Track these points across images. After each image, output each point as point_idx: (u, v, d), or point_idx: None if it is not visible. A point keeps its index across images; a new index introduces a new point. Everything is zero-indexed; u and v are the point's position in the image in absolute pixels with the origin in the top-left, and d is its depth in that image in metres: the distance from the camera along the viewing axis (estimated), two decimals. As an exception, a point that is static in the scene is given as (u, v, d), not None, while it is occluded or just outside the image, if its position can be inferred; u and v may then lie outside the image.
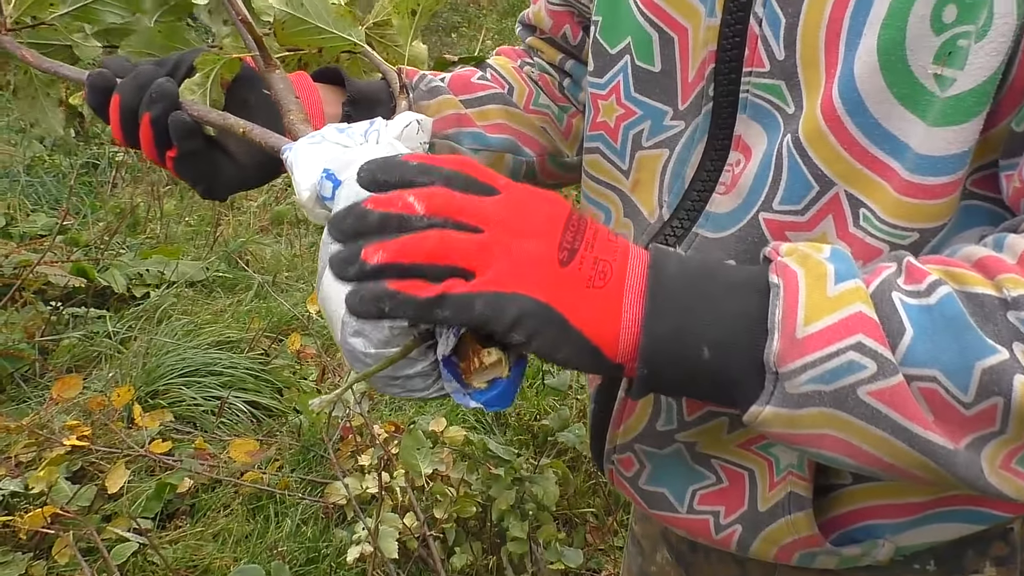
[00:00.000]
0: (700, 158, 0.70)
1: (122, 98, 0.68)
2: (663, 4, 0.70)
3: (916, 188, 0.57)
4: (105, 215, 4.04)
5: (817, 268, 0.52)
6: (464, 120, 0.83)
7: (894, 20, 0.56)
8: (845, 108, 0.58)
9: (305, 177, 0.58)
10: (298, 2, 0.67)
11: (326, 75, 0.79)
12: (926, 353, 0.49)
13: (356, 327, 0.53)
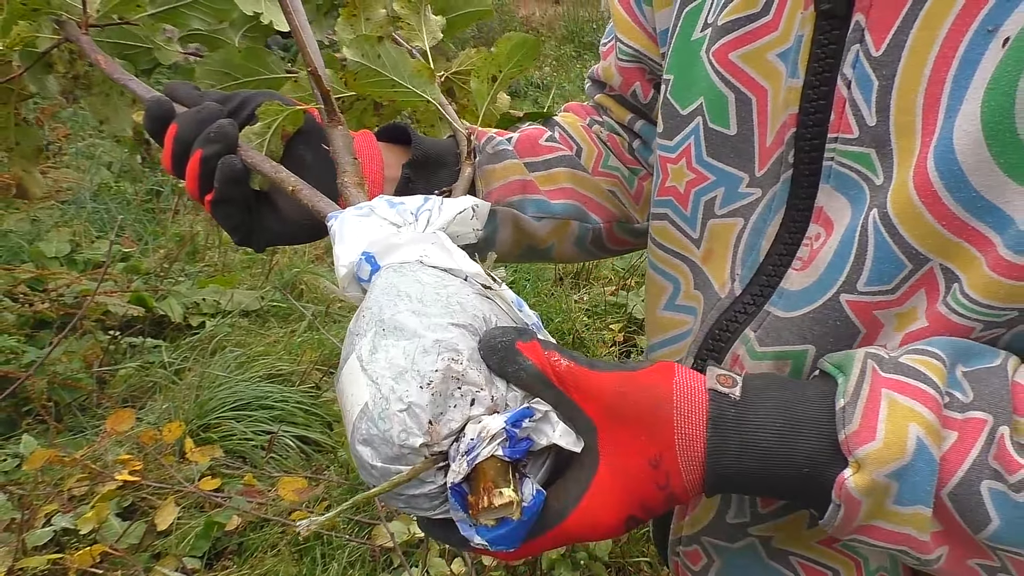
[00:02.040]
0: (777, 230, 0.64)
1: (179, 130, 0.65)
2: (740, 63, 0.64)
3: (1018, 269, 0.51)
4: (166, 242, 4.10)
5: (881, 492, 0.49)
6: (529, 187, 0.79)
7: (1001, 84, 0.50)
8: (943, 181, 0.52)
9: (345, 253, 0.55)
10: (375, 54, 0.64)
11: (393, 131, 0.76)
12: (1014, 538, 0.47)
13: (366, 435, 0.49)
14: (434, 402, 0.48)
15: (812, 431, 0.51)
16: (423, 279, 0.52)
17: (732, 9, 0.65)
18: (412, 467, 0.48)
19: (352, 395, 0.50)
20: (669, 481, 0.50)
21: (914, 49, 0.54)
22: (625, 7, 0.80)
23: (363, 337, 0.50)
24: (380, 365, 0.49)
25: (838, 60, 0.58)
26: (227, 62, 0.68)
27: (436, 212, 0.56)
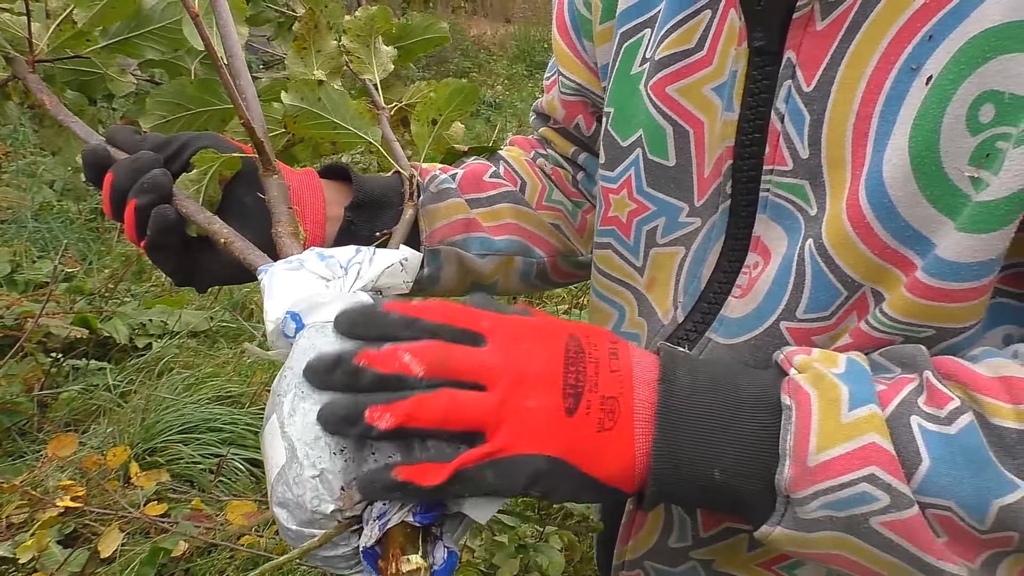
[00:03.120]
0: (717, 258, 0.66)
1: (115, 179, 0.66)
2: (677, 96, 0.67)
3: (932, 291, 0.53)
4: (111, 262, 4.03)
5: (831, 391, 0.50)
6: (472, 225, 0.80)
7: (926, 120, 0.52)
8: (874, 212, 0.55)
9: (273, 309, 0.56)
10: (315, 97, 0.65)
11: (337, 170, 0.77)
12: (943, 485, 0.48)
13: (281, 498, 0.50)
14: (347, 468, 0.49)
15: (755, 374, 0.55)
16: (344, 343, 0.52)
17: (669, 44, 0.67)
18: (324, 532, 0.50)
19: (271, 456, 0.51)
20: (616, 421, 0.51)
21: (842, 85, 0.56)
22: (567, 42, 0.82)
23: (283, 397, 0.51)
24: (297, 428, 0.50)
25: (771, 95, 0.60)
26: (180, 93, 0.69)
27: (367, 265, 0.57)
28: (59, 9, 0.64)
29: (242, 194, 0.69)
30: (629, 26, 0.71)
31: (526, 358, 0.50)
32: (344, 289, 0.57)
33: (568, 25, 0.81)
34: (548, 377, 0.50)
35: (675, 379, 0.52)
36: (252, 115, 0.63)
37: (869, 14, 0.55)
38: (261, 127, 0.63)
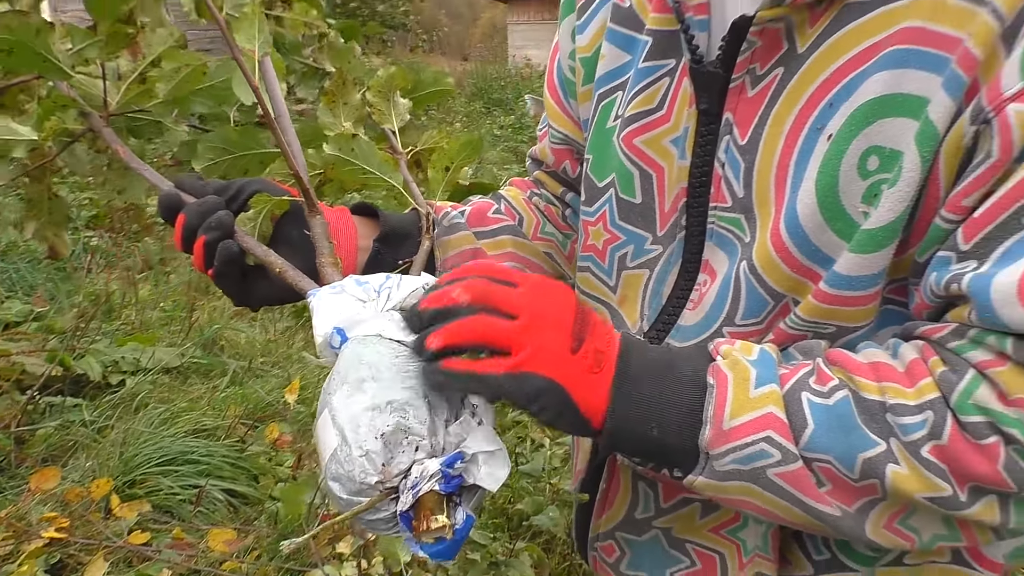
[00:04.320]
0: (676, 278, 0.80)
1: (187, 219, 0.78)
2: (643, 146, 0.81)
3: (831, 298, 0.69)
4: (80, 301, 4.06)
5: (744, 372, 0.66)
6: (478, 253, 0.94)
7: (828, 168, 0.67)
8: (792, 240, 0.70)
9: (321, 325, 0.69)
10: (349, 147, 0.78)
11: (366, 208, 0.90)
12: (823, 443, 0.63)
13: (335, 473, 0.62)
14: (386, 449, 0.62)
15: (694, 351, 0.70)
16: (381, 350, 0.65)
17: (636, 105, 0.81)
18: (369, 499, 0.62)
19: (324, 441, 0.64)
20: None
21: (767, 140, 0.71)
22: (556, 100, 0.97)
23: (333, 395, 0.64)
24: (345, 418, 0.62)
25: (714, 147, 0.75)
26: (225, 140, 0.80)
27: (395, 289, 0.70)
28: (129, 72, 0.75)
29: (289, 229, 0.82)
30: (605, 89, 0.86)
31: (547, 302, 0.65)
32: (378, 309, 0.69)
33: (557, 86, 0.96)
34: (561, 320, 0.64)
35: (632, 356, 0.67)
36: (298, 164, 0.75)
37: (786, 86, 0.70)
38: (306, 174, 0.75)
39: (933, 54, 0.62)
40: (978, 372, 0.61)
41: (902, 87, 0.64)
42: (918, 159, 0.63)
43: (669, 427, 0.65)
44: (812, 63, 0.68)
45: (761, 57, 0.71)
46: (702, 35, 0.75)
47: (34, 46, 0.71)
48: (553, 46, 0.97)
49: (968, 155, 0.62)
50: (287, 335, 4.01)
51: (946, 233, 0.64)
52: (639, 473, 0.85)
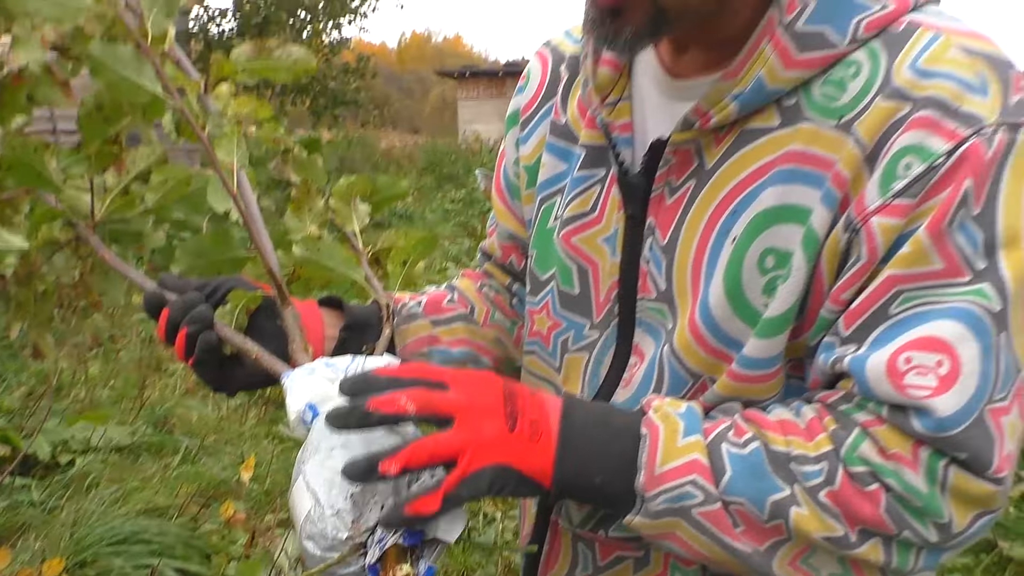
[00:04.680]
0: (611, 360, 0.91)
1: (171, 313, 0.86)
2: (579, 244, 0.92)
3: (742, 377, 0.80)
4: (28, 379, 4.03)
5: (673, 424, 0.76)
6: (434, 340, 1.04)
7: (733, 265, 0.79)
8: (704, 327, 0.81)
9: (295, 402, 0.78)
10: (315, 248, 0.87)
11: (332, 300, 0.99)
12: (739, 487, 0.74)
13: (309, 532, 0.71)
14: (355, 508, 0.70)
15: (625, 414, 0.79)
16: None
17: (572, 208, 0.93)
18: (340, 554, 0.71)
19: (299, 505, 0.72)
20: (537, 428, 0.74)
21: (683, 242, 0.83)
22: (503, 201, 1.08)
23: (306, 463, 0.73)
24: (318, 483, 0.71)
25: (640, 246, 0.86)
26: (200, 245, 0.89)
27: (360, 368, 0.79)
28: (114, 185, 0.85)
29: (262, 321, 0.90)
30: (546, 193, 0.97)
31: (477, 394, 0.74)
32: None
33: (504, 189, 1.08)
34: (493, 407, 0.73)
35: (573, 415, 0.77)
36: (271, 262, 0.84)
37: (697, 196, 0.82)
38: (278, 270, 0.84)
39: (813, 173, 0.75)
40: (862, 430, 0.73)
41: (790, 199, 0.76)
42: (804, 259, 0.75)
43: (609, 475, 0.75)
44: (718, 177, 0.81)
45: (676, 171, 0.83)
46: (627, 150, 0.88)
47: (32, 163, 0.80)
48: (500, 153, 1.09)
49: (844, 257, 0.74)
50: (239, 412, 4.02)
51: (830, 322, 0.76)
52: (578, 535, 0.93)
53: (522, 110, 1.01)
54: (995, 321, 0.69)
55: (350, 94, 14.86)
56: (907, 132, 0.70)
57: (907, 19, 0.74)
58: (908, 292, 0.71)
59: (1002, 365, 0.70)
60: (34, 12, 0.74)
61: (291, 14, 13.84)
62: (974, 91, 0.69)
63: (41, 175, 0.81)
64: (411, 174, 14.25)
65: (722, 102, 0.77)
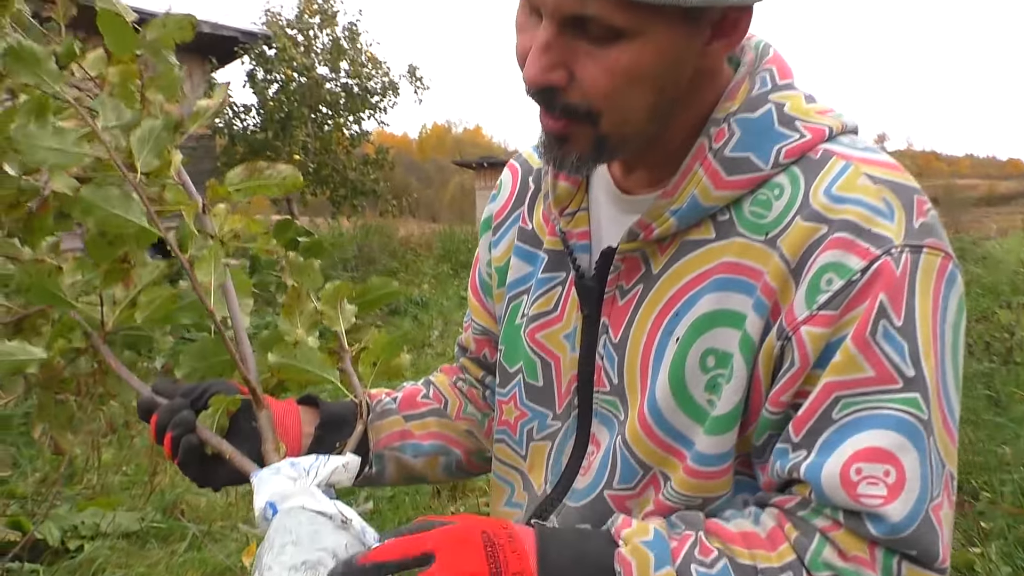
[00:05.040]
0: (572, 449, 0.98)
1: (159, 418, 0.95)
2: (543, 340, 1.01)
3: (698, 473, 0.86)
4: (42, 465, 4.11)
5: (644, 558, 0.80)
6: (406, 435, 1.12)
7: (677, 363, 0.87)
8: (652, 419, 0.88)
9: (258, 500, 0.86)
10: (292, 354, 0.97)
11: (311, 398, 1.07)
12: None
13: None
14: None
15: (599, 536, 0.83)
16: (301, 519, 0.81)
17: (537, 306, 1.02)
18: None
19: None
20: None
21: (633, 340, 0.91)
22: (476, 298, 1.17)
23: (263, 558, 0.79)
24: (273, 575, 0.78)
25: (595, 343, 0.95)
26: (202, 350, 0.99)
27: (322, 467, 0.87)
28: (122, 298, 0.95)
29: (242, 422, 0.98)
30: (514, 292, 1.06)
31: (462, 559, 0.77)
32: (305, 485, 0.86)
33: (478, 287, 1.17)
34: (477, 565, 0.77)
35: (549, 555, 0.81)
36: (249, 369, 0.94)
37: (645, 299, 0.91)
38: (256, 378, 0.94)
39: (745, 281, 0.84)
40: (823, 536, 0.79)
41: (726, 304, 0.85)
42: (743, 361, 0.83)
43: None
44: (663, 283, 0.89)
45: (626, 276, 0.92)
46: (584, 256, 0.97)
47: (47, 285, 0.91)
48: (476, 255, 1.19)
49: (778, 362, 0.82)
50: (247, 499, 4.06)
51: (771, 422, 0.83)
52: None
53: (494, 216, 1.11)
54: (926, 428, 0.77)
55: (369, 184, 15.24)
56: (827, 251, 0.79)
57: (823, 147, 0.84)
58: (846, 398, 0.78)
59: (934, 465, 0.78)
60: (41, 160, 0.87)
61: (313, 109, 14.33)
62: (882, 215, 0.79)
63: (55, 295, 0.93)
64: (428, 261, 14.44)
65: (662, 216, 0.86)
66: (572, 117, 0.82)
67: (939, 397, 0.78)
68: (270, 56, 14.05)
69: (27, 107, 0.89)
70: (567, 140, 0.85)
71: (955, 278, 0.80)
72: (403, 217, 18.43)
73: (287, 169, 1.01)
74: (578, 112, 0.81)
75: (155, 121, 0.92)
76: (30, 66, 0.88)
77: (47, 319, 0.95)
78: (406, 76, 15.21)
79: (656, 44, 0.76)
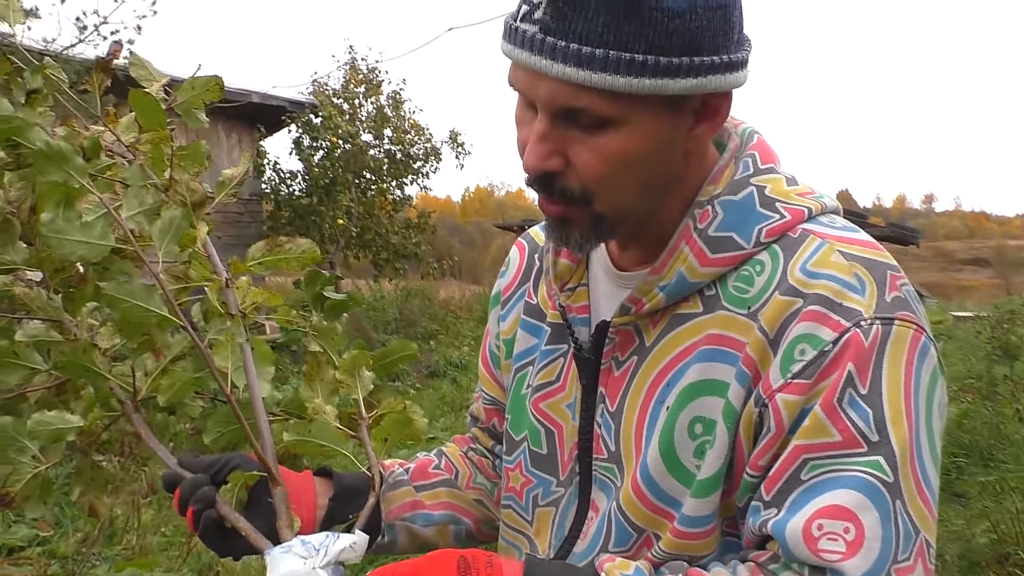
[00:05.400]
0: (574, 514, 1.02)
1: (182, 492, 1.00)
2: (547, 409, 1.05)
3: (684, 535, 0.90)
4: (83, 525, 4.18)
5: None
6: (417, 505, 1.16)
7: (667, 431, 0.91)
8: (645, 486, 0.92)
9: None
10: (307, 430, 1.02)
11: (326, 470, 1.12)
12: None
13: None
14: None
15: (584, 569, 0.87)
16: None
17: (541, 377, 1.06)
18: None
19: None
20: None
21: (627, 409, 0.95)
22: (487, 370, 1.23)
23: None
24: None
25: (593, 412, 0.99)
26: (228, 417, 1.04)
27: (332, 544, 0.91)
28: (153, 368, 1.01)
29: (261, 495, 1.02)
30: (520, 364, 1.11)
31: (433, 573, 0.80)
32: (315, 564, 0.90)
33: (488, 359, 1.23)
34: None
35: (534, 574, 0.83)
36: (265, 447, 0.99)
37: (639, 369, 0.95)
38: (272, 455, 0.99)
39: (728, 352, 0.88)
40: None
41: (711, 374, 0.89)
42: (726, 428, 0.87)
43: None
44: (655, 354, 0.94)
45: (621, 348, 0.97)
46: (583, 329, 1.02)
47: (82, 361, 0.97)
48: (486, 329, 1.24)
49: (758, 428, 0.86)
50: (283, 561, 4.08)
51: (752, 485, 0.87)
52: None
53: (503, 292, 1.18)
54: (889, 490, 0.80)
55: (411, 248, 15.46)
56: (801, 323, 0.83)
57: (802, 227, 0.89)
58: (814, 460, 0.82)
59: (901, 529, 0.80)
60: (70, 253, 0.94)
61: (357, 175, 14.67)
62: (853, 290, 0.83)
63: (91, 369, 0.99)
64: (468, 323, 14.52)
65: (652, 292, 0.92)
66: (569, 200, 0.87)
67: (911, 463, 0.81)
68: (316, 124, 14.48)
69: (54, 198, 0.96)
70: (568, 222, 0.90)
71: (927, 350, 0.84)
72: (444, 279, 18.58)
73: (305, 243, 1.07)
74: (574, 195, 0.87)
75: (176, 211, 0.98)
76: (59, 164, 0.95)
77: (65, 399, 1.01)
78: (448, 142, 15.50)
79: (642, 130, 0.83)
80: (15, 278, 1.07)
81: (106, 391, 1.01)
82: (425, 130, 15.35)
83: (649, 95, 0.79)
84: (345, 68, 14.93)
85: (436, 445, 1.31)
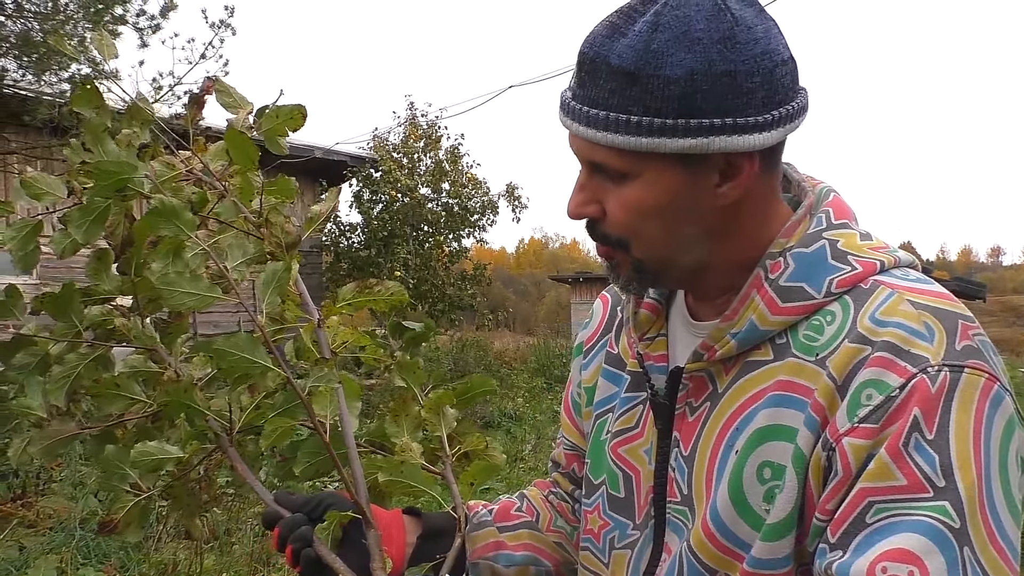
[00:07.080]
0: (649, 557, 1.03)
1: (281, 531, 1.05)
2: (625, 455, 1.07)
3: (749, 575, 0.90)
4: (148, 569, 4.24)
5: None
6: (500, 545, 1.18)
7: (736, 475, 0.92)
8: (714, 526, 0.93)
9: None
10: (399, 471, 1.04)
11: (415, 509, 1.15)
12: None
13: None
14: None
15: None
16: None
17: (620, 423, 1.08)
18: None
19: None
20: None
21: (700, 453, 0.96)
22: (569, 417, 1.25)
23: None
24: None
25: (668, 456, 1.00)
26: (317, 446, 1.07)
27: None
28: (248, 403, 1.05)
29: (355, 534, 1.06)
30: (600, 410, 1.13)
31: None
32: None
33: (570, 407, 1.25)
34: None
35: None
36: (359, 491, 1.02)
37: (711, 414, 0.96)
38: (365, 499, 1.02)
39: (797, 399, 0.89)
40: None
41: (780, 420, 0.90)
42: (795, 473, 0.87)
43: None
44: (726, 400, 0.95)
45: (694, 394, 0.99)
46: (660, 376, 1.04)
47: (183, 399, 1.01)
48: (569, 377, 1.27)
49: (827, 472, 0.86)
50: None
51: (821, 530, 0.86)
52: None
53: (585, 342, 1.22)
54: (956, 536, 0.78)
55: (467, 299, 15.57)
56: (868, 368, 0.84)
57: (872, 279, 0.91)
58: (879, 504, 0.81)
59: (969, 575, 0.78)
60: (180, 304, 0.99)
61: (415, 228, 14.90)
62: (921, 337, 0.84)
63: (190, 407, 1.03)
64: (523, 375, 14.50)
65: (723, 339, 0.94)
66: (609, 245, 0.95)
67: (980, 510, 0.80)
68: (376, 178, 14.80)
69: (164, 249, 1.01)
70: (615, 264, 0.97)
71: (1001, 399, 0.84)
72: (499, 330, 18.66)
73: (394, 286, 1.11)
74: (611, 240, 0.95)
75: (278, 265, 1.03)
76: (170, 219, 1.00)
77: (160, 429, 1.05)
78: (504, 195, 15.68)
79: (657, 183, 0.89)
80: (112, 307, 1.12)
81: (203, 425, 1.04)
82: (483, 184, 15.57)
83: (650, 152, 0.87)
84: (405, 124, 15.28)
85: (492, 496, 1.34)
